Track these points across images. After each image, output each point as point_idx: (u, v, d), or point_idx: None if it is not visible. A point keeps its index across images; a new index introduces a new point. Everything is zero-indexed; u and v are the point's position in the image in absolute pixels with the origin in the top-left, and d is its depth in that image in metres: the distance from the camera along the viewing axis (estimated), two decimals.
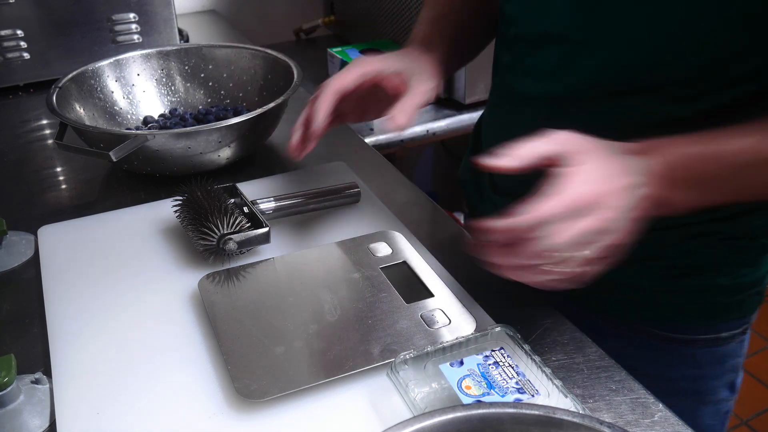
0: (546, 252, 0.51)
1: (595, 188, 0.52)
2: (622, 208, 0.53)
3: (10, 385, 0.55)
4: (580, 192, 0.52)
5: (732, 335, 0.75)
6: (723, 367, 0.77)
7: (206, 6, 1.76)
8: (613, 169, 0.54)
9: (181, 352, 0.61)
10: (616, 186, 0.53)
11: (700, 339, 0.74)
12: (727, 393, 0.79)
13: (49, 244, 0.76)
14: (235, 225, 0.70)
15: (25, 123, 1.12)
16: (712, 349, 0.75)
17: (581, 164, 0.53)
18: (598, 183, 0.52)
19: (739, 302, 0.73)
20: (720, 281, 0.71)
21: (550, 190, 0.52)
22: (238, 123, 0.84)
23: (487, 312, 0.65)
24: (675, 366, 0.76)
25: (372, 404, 0.56)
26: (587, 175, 0.53)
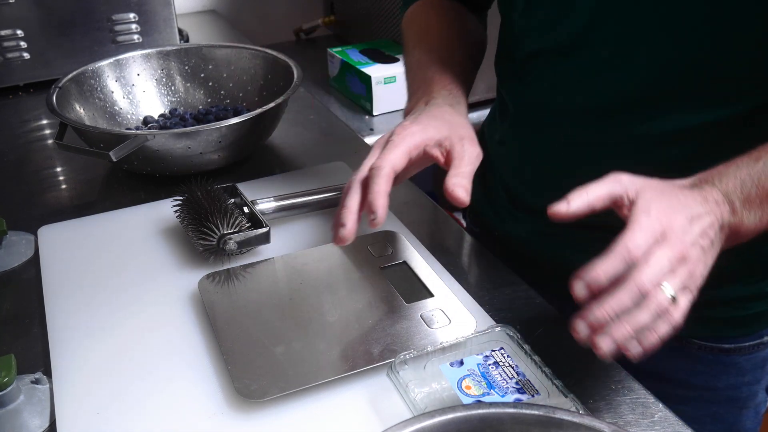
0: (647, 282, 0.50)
1: (668, 216, 0.52)
2: (695, 236, 0.52)
3: (10, 385, 0.55)
4: (655, 218, 0.51)
5: None
6: (763, 370, 0.77)
7: (206, 6, 1.76)
8: (678, 201, 0.53)
9: (181, 352, 0.61)
10: (682, 217, 0.52)
11: (745, 346, 0.74)
12: (764, 395, 0.79)
13: (49, 244, 0.76)
14: (235, 225, 0.70)
15: (25, 123, 1.12)
16: (755, 354, 0.75)
17: (647, 194, 0.53)
18: (669, 212, 0.52)
19: None
20: (766, 287, 0.71)
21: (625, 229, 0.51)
22: (238, 123, 0.84)
23: (487, 312, 0.65)
24: (719, 375, 0.75)
25: (372, 404, 0.56)
26: (658, 204, 0.52)
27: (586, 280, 0.50)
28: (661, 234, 0.51)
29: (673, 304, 0.51)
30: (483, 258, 0.76)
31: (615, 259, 0.50)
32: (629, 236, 0.50)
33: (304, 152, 0.99)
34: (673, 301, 0.51)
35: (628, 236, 0.51)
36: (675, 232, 0.51)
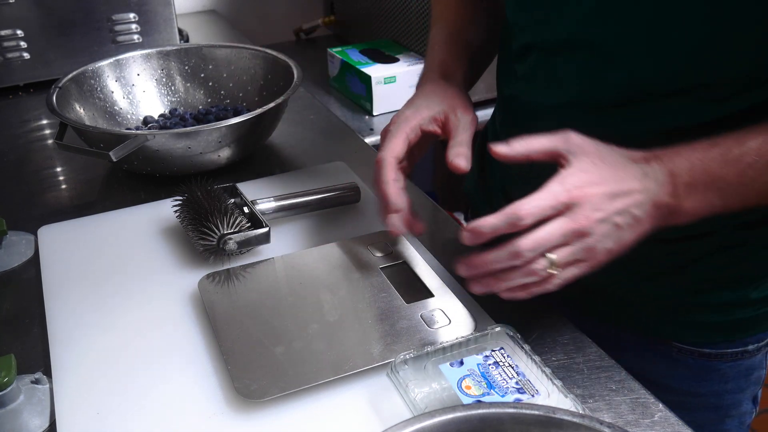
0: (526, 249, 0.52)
1: (584, 188, 0.53)
2: (610, 212, 0.53)
3: (10, 385, 0.55)
4: (565, 189, 0.52)
5: (758, 347, 0.74)
6: (748, 380, 0.76)
7: (206, 6, 1.76)
8: (612, 174, 0.54)
9: (181, 352, 0.61)
10: (608, 190, 0.53)
11: (727, 353, 0.73)
12: (750, 405, 0.78)
13: (49, 244, 0.76)
14: (235, 225, 0.70)
15: (25, 123, 1.12)
16: (738, 362, 0.74)
17: (581, 163, 0.54)
18: (590, 184, 0.53)
19: (766, 315, 0.72)
20: (753, 294, 0.70)
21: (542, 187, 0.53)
22: (238, 123, 0.84)
23: (487, 312, 0.65)
24: (701, 381, 0.74)
25: (372, 404, 0.56)
26: (581, 174, 0.53)
27: (470, 226, 0.53)
28: (565, 205, 0.53)
29: (552, 274, 0.54)
30: None
31: (502, 218, 0.53)
32: (527, 200, 0.53)
33: (304, 152, 0.99)
34: (553, 270, 0.54)
35: (526, 200, 0.53)
36: (583, 206, 0.52)
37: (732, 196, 0.56)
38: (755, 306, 0.71)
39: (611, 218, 0.53)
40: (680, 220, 0.57)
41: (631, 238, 0.56)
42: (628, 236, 0.55)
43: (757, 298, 0.70)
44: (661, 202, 0.55)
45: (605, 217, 0.53)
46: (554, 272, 0.54)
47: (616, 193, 0.53)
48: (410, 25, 1.46)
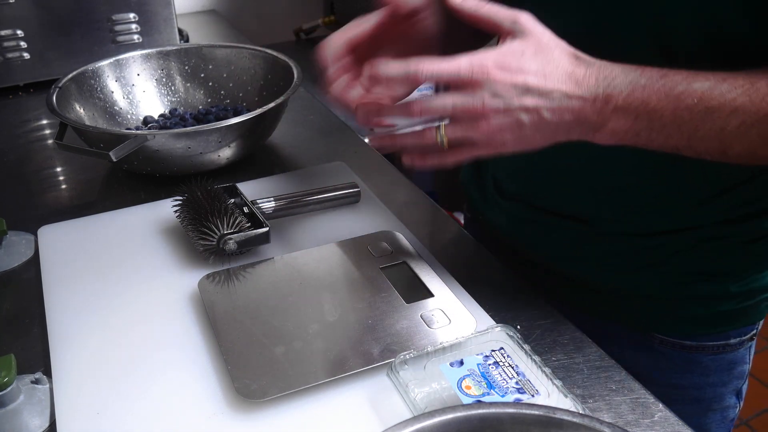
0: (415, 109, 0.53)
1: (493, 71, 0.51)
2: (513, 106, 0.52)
3: (10, 385, 0.55)
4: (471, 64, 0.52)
5: (740, 341, 0.74)
6: (731, 374, 0.76)
7: (206, 6, 1.76)
8: (538, 68, 0.52)
9: (181, 352, 0.61)
10: (522, 81, 0.52)
11: (709, 346, 0.73)
12: (734, 400, 0.78)
13: (49, 244, 0.76)
14: (235, 225, 0.70)
15: (25, 123, 1.12)
16: (720, 356, 0.74)
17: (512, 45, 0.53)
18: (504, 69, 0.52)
19: (748, 308, 0.72)
20: (733, 288, 0.70)
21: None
22: (238, 123, 0.84)
23: (487, 312, 0.65)
24: (682, 373, 0.75)
25: (372, 404, 0.56)
26: (502, 57, 0.52)
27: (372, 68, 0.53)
28: (465, 81, 0.52)
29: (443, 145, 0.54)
30: (483, 258, 0.76)
31: (401, 67, 0.52)
32: (432, 61, 0.52)
33: (304, 152, 0.99)
34: (441, 141, 0.53)
35: (433, 62, 0.52)
36: (486, 90, 0.52)
37: (659, 132, 0.54)
38: (736, 299, 0.71)
39: (514, 112, 0.52)
40: (598, 140, 0.55)
41: (538, 139, 0.54)
42: (532, 136, 0.54)
43: (738, 292, 0.70)
44: (584, 116, 0.53)
45: (506, 107, 0.52)
46: (443, 145, 0.54)
47: (530, 89, 0.52)
48: None
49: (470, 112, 0.52)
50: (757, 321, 0.74)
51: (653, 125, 0.53)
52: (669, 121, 0.53)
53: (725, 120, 0.52)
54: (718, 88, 0.52)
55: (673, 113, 0.52)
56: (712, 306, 0.71)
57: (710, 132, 0.53)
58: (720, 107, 0.52)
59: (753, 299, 0.72)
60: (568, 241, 0.73)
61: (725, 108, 0.52)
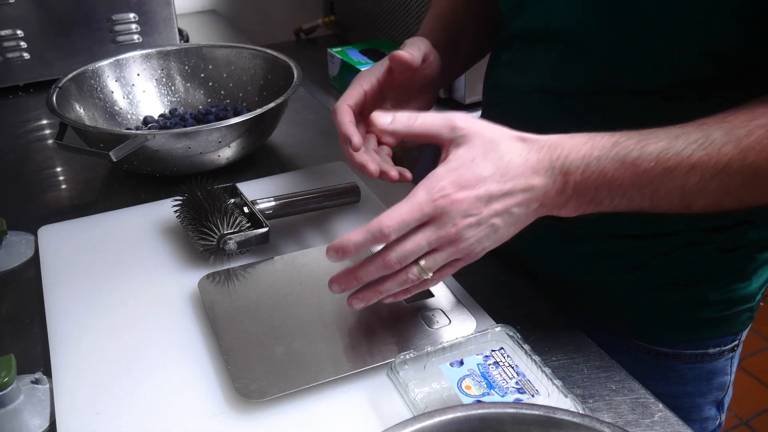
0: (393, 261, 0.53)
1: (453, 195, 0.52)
2: (484, 216, 0.53)
3: (10, 385, 0.55)
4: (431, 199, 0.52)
5: (720, 351, 0.73)
6: (710, 384, 0.75)
7: (206, 6, 1.76)
8: (493, 171, 0.53)
9: (181, 352, 0.61)
10: (484, 192, 0.53)
11: (687, 354, 0.73)
12: (714, 411, 0.77)
13: (49, 244, 0.76)
14: (235, 225, 0.70)
15: (25, 123, 1.12)
16: (699, 365, 0.73)
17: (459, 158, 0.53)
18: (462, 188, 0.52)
19: (729, 317, 0.72)
20: (711, 295, 0.69)
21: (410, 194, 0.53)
22: (238, 123, 0.84)
23: (487, 312, 0.65)
24: (658, 380, 0.73)
25: (372, 404, 0.56)
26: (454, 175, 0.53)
27: (334, 244, 0.54)
28: (431, 216, 0.52)
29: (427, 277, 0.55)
30: (483, 258, 0.76)
31: (365, 234, 0.53)
32: (391, 213, 0.53)
33: (304, 152, 0.99)
34: (425, 275, 0.54)
35: (390, 213, 0.53)
36: (452, 214, 0.52)
37: (620, 198, 0.54)
38: (715, 307, 0.70)
39: (486, 221, 0.53)
40: (564, 214, 0.56)
41: (513, 232, 0.56)
42: (507, 233, 0.56)
43: (718, 300, 0.70)
44: (549, 200, 0.54)
45: (478, 221, 0.53)
46: (427, 277, 0.55)
47: (494, 195, 0.53)
48: (410, 25, 1.46)
49: (445, 240, 0.53)
50: (738, 331, 0.73)
51: (614, 193, 0.54)
52: (629, 186, 0.53)
53: (684, 178, 0.52)
54: (672, 147, 0.52)
55: (631, 179, 0.53)
56: (690, 312, 0.71)
57: (671, 191, 0.53)
58: (677, 166, 0.52)
59: (733, 309, 0.71)
60: (548, 239, 0.73)
61: (683, 166, 0.52)
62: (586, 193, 0.54)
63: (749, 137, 0.51)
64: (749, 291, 0.70)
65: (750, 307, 0.72)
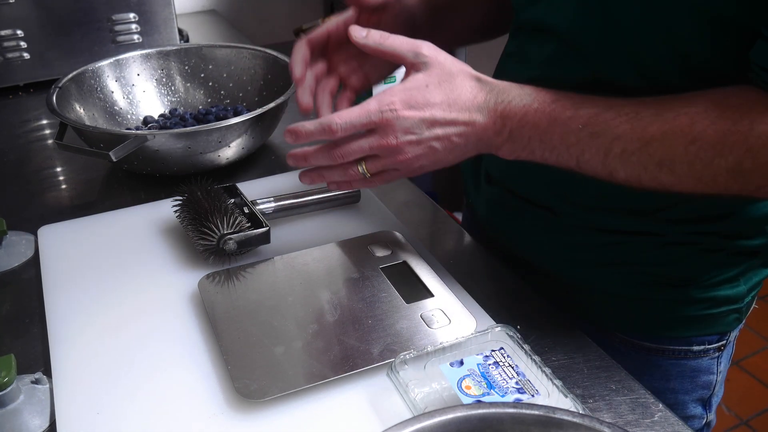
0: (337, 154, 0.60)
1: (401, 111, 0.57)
2: (425, 137, 0.58)
3: (10, 385, 0.55)
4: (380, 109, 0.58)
5: (705, 350, 0.73)
6: (694, 382, 0.75)
7: (206, 6, 1.76)
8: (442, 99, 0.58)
9: (181, 352, 0.61)
10: (429, 116, 0.58)
11: (670, 349, 0.73)
12: (699, 410, 0.77)
13: (49, 244, 0.76)
14: (235, 225, 0.70)
15: (25, 123, 1.12)
16: (682, 361, 0.73)
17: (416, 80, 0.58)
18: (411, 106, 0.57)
19: (714, 316, 0.71)
20: (693, 293, 0.69)
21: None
22: (237, 123, 0.84)
23: (487, 312, 0.65)
24: (641, 375, 0.73)
25: (372, 404, 0.56)
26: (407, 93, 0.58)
27: (291, 127, 0.60)
28: (377, 123, 0.58)
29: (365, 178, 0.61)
30: (483, 258, 0.76)
31: (317, 126, 0.59)
32: (342, 114, 0.58)
33: None
34: (365, 175, 0.61)
35: (342, 113, 0.58)
36: (395, 127, 0.58)
37: (550, 152, 0.58)
38: (698, 306, 0.70)
39: (425, 143, 0.58)
40: (502, 155, 0.61)
41: (451, 159, 0.61)
42: (446, 157, 0.60)
43: (700, 298, 0.70)
44: (487, 138, 0.59)
45: (418, 140, 0.58)
46: (367, 177, 0.61)
47: (437, 120, 0.58)
48: None
49: (386, 149, 0.59)
50: (725, 331, 0.73)
51: (544, 147, 0.58)
52: (558, 143, 0.58)
53: (608, 146, 0.56)
54: (603, 115, 0.56)
55: (560, 137, 0.57)
56: (673, 309, 0.71)
57: (595, 156, 0.57)
58: (603, 133, 0.56)
59: (719, 308, 0.71)
60: (535, 228, 0.74)
61: (608, 134, 0.55)
62: (521, 140, 0.59)
63: (674, 121, 0.54)
64: (736, 293, 0.70)
65: (738, 308, 0.72)
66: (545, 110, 0.57)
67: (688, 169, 0.54)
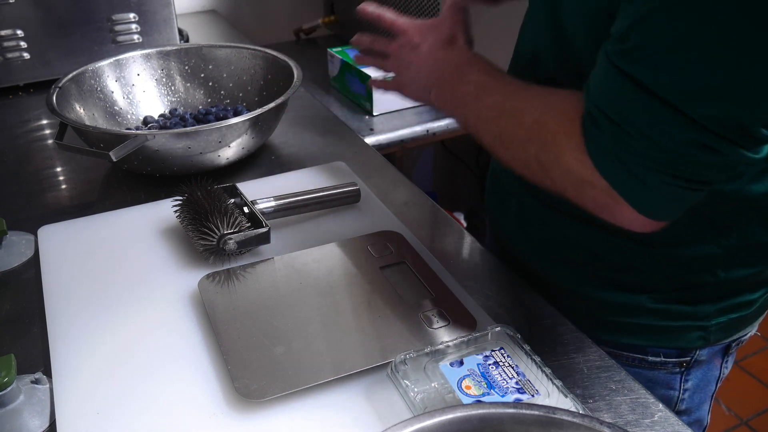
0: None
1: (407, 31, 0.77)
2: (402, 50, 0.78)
3: (10, 385, 0.55)
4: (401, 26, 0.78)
5: (662, 362, 0.73)
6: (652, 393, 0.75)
7: (206, 6, 1.76)
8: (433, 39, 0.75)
9: (181, 351, 0.61)
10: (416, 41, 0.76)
11: (624, 355, 0.73)
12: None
13: (49, 244, 0.76)
14: (235, 225, 0.70)
15: (25, 123, 1.12)
16: (637, 370, 0.73)
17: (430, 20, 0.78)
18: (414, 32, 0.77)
19: (672, 330, 0.71)
20: (646, 303, 0.70)
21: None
22: (238, 123, 0.84)
23: (487, 312, 0.65)
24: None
25: (372, 404, 0.56)
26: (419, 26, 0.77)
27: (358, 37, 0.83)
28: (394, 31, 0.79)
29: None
30: (483, 258, 0.76)
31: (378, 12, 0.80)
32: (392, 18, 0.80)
33: (304, 152, 0.99)
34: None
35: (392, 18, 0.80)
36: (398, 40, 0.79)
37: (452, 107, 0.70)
38: (650, 316, 0.71)
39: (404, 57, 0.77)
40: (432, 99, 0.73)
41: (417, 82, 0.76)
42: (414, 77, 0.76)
43: (653, 309, 0.70)
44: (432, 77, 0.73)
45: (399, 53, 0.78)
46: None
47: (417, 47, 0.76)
48: None
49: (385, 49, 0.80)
50: (687, 348, 0.72)
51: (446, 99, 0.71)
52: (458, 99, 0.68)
53: (481, 110, 0.65)
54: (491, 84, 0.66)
55: (455, 93, 0.69)
56: (628, 315, 0.71)
57: (473, 116, 0.66)
58: (482, 98, 0.65)
59: (676, 322, 0.71)
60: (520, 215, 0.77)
61: (484, 100, 0.65)
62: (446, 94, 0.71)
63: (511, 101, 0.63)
64: (703, 311, 0.70)
65: (703, 326, 0.71)
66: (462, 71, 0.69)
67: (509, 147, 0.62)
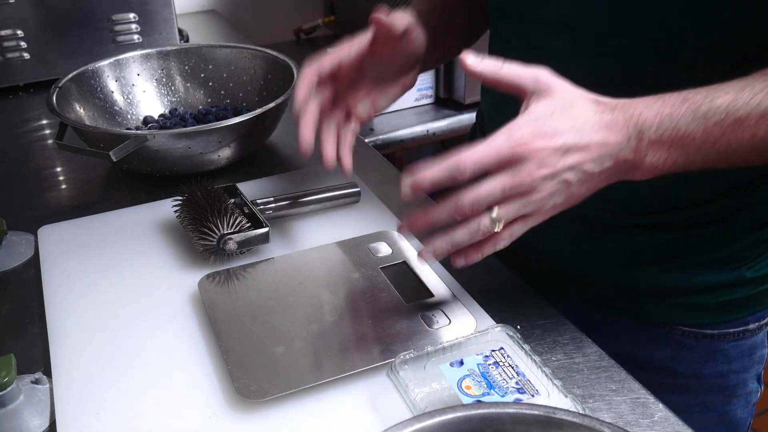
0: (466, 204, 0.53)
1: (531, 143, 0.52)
2: (558, 169, 0.52)
3: (10, 385, 0.55)
4: (509, 144, 0.52)
5: (759, 326, 0.74)
6: (752, 359, 0.76)
7: (206, 6, 1.76)
8: (570, 125, 0.53)
9: (181, 352, 0.61)
10: (560, 144, 0.52)
11: (730, 333, 0.74)
12: (755, 385, 0.78)
13: (49, 244, 0.76)
14: (235, 225, 0.70)
15: (25, 123, 1.12)
16: (741, 342, 0.74)
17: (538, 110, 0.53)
18: (540, 137, 0.52)
19: (764, 293, 0.73)
20: (747, 273, 0.70)
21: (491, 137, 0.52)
22: (238, 123, 0.84)
23: (487, 312, 0.65)
24: (705, 362, 0.75)
25: (372, 404, 0.56)
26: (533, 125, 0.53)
27: (412, 179, 0.53)
28: (508, 160, 0.52)
29: (498, 230, 0.54)
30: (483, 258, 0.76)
31: (442, 170, 0.52)
32: (469, 152, 0.52)
33: None
34: (498, 227, 0.53)
35: (468, 152, 0.52)
36: (528, 162, 0.52)
37: (695, 154, 0.54)
38: (751, 285, 0.71)
39: (560, 175, 0.53)
40: (638, 176, 0.56)
41: (583, 192, 0.55)
42: (578, 191, 0.55)
43: (753, 278, 0.71)
44: (622, 158, 0.54)
45: (552, 173, 0.53)
46: (498, 229, 0.54)
47: (569, 148, 0.52)
48: None
49: (519, 188, 0.53)
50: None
51: (688, 149, 0.54)
52: (701, 141, 0.53)
53: (755, 127, 0.53)
54: (740, 98, 0.53)
55: (704, 133, 0.53)
56: (729, 293, 0.72)
57: (743, 142, 0.53)
58: (747, 116, 0.52)
59: (766, 284, 0.72)
60: (569, 239, 0.74)
61: (752, 116, 0.52)
62: (661, 151, 0.54)
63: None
64: None
65: None
66: (679, 112, 0.53)
67: None
